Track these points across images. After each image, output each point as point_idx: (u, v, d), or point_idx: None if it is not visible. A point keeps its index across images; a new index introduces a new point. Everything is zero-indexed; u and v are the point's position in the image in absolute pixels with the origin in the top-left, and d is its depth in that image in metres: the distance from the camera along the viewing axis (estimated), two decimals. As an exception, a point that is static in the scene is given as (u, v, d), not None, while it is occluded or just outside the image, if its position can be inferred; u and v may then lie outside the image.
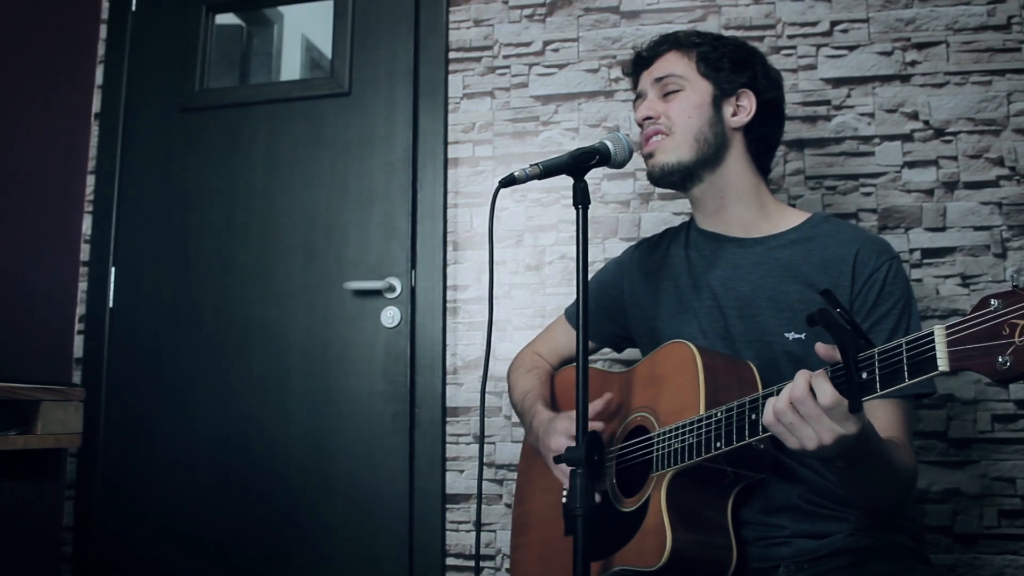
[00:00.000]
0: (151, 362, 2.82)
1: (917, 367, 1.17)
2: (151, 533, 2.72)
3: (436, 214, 2.67)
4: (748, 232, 1.81)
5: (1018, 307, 1.06)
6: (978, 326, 1.10)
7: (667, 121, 1.79)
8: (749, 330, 1.72)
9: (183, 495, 2.72)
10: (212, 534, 2.68)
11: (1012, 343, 1.06)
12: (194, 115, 2.93)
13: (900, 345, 1.20)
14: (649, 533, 1.56)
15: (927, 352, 1.16)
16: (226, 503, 2.68)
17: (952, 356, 1.13)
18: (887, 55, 2.52)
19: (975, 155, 2.44)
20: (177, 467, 2.74)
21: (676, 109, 1.79)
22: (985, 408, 2.35)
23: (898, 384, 1.20)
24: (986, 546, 2.31)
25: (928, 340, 1.16)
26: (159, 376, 2.80)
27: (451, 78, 2.76)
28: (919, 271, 2.42)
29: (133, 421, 2.80)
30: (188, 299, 2.82)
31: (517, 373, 2.07)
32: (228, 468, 2.70)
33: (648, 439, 1.64)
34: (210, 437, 2.72)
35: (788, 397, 1.28)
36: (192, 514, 2.70)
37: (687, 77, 1.80)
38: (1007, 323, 1.07)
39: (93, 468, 2.80)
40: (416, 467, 2.58)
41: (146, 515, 2.74)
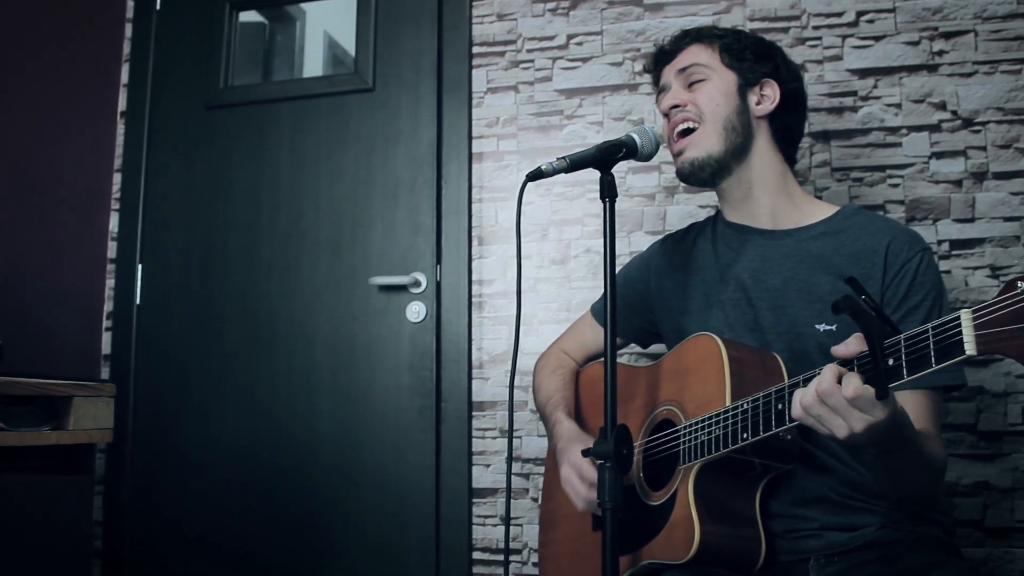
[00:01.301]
0: (178, 358, 2.84)
1: (944, 352, 1.16)
2: (179, 528, 2.75)
3: (461, 209, 2.67)
4: (777, 224, 1.81)
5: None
6: (1005, 309, 1.09)
7: (695, 109, 1.79)
8: (779, 321, 1.71)
9: (210, 490, 2.74)
10: (238, 529, 2.70)
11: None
12: (219, 112, 2.94)
13: (927, 330, 1.19)
14: (677, 526, 1.55)
15: (954, 336, 1.15)
16: (253, 499, 2.70)
17: (979, 340, 1.12)
18: (914, 45, 2.50)
19: (1004, 145, 2.42)
20: (204, 462, 2.76)
21: (704, 97, 1.79)
22: (1016, 400, 2.32)
23: (925, 369, 1.19)
24: (1018, 540, 2.29)
25: (955, 324, 1.15)
26: (186, 372, 2.82)
27: (475, 73, 2.76)
28: (947, 263, 2.39)
29: (160, 417, 2.82)
30: (214, 295, 2.84)
31: (542, 374, 2.08)
32: (255, 464, 2.71)
33: (675, 432, 1.64)
34: (237, 433, 2.74)
35: (815, 390, 1.28)
36: (218, 509, 2.72)
37: (712, 66, 1.81)
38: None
39: (122, 464, 2.83)
40: (442, 462, 2.59)
41: (174, 510, 2.76)
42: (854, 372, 1.27)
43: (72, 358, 2.81)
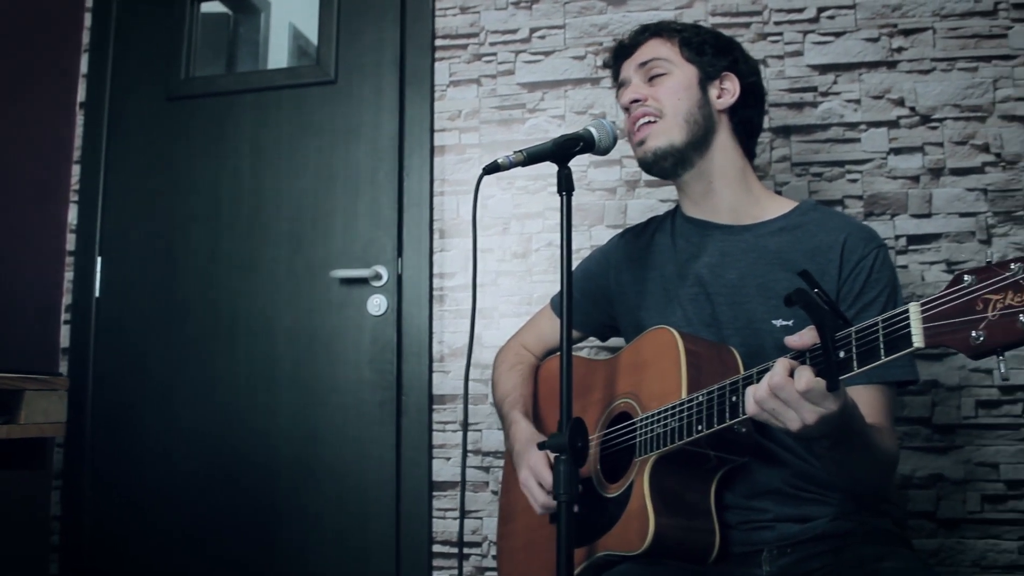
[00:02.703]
0: (138, 352, 2.81)
1: (893, 344, 1.18)
2: (138, 522, 2.72)
3: (422, 202, 2.67)
4: (736, 219, 1.82)
5: (991, 282, 1.07)
6: (952, 302, 1.11)
7: (656, 104, 1.80)
8: (737, 317, 1.73)
9: (170, 484, 2.72)
10: (199, 522, 2.68)
11: (985, 318, 1.07)
12: (180, 104, 2.91)
13: (876, 323, 1.21)
14: (632, 518, 1.56)
15: (903, 329, 1.17)
16: (213, 492, 2.68)
17: (927, 332, 1.13)
18: (873, 41, 2.52)
19: (961, 141, 2.45)
20: (164, 456, 2.73)
21: (664, 91, 1.80)
22: (969, 394, 2.36)
23: (874, 361, 1.21)
24: (969, 531, 2.33)
25: (904, 317, 1.17)
26: (146, 366, 2.79)
27: (437, 65, 2.75)
28: (904, 257, 2.42)
29: (120, 411, 2.79)
30: (174, 288, 2.81)
31: (500, 369, 2.08)
32: (215, 457, 2.70)
33: (631, 424, 1.65)
34: (197, 426, 2.72)
35: (768, 384, 1.29)
36: (179, 503, 2.70)
37: (672, 60, 1.82)
38: (980, 298, 1.08)
39: (80, 458, 2.80)
40: (403, 455, 2.58)
41: (133, 504, 2.74)
42: (806, 365, 1.28)
43: (30, 351, 2.78)
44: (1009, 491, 2.32)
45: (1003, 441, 2.33)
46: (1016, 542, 2.30)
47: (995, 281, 1.07)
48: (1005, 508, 2.32)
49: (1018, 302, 1.04)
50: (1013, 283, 1.05)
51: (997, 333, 1.06)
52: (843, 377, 1.24)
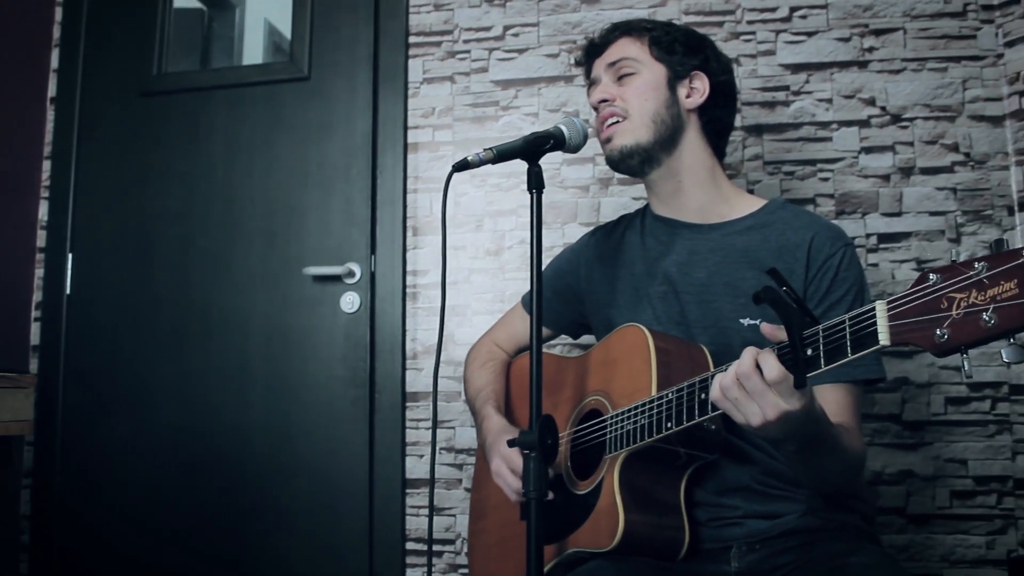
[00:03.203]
0: (110, 349, 2.79)
1: (859, 342, 1.19)
2: (110, 520, 2.70)
3: (396, 199, 2.66)
4: (705, 218, 1.82)
5: (955, 281, 1.08)
6: (917, 300, 1.12)
7: (623, 104, 1.80)
8: (705, 315, 1.73)
9: (142, 482, 2.70)
10: (172, 520, 2.66)
11: (949, 316, 1.08)
12: (153, 100, 2.90)
13: (843, 321, 1.22)
14: (602, 515, 1.57)
15: (869, 327, 1.17)
16: (186, 489, 2.67)
17: (893, 330, 1.14)
18: (845, 41, 2.54)
19: (931, 141, 2.47)
20: (136, 454, 2.71)
21: (632, 92, 1.80)
22: (938, 391, 2.38)
23: (841, 359, 1.21)
24: (938, 526, 2.35)
25: (870, 315, 1.18)
26: (118, 363, 2.77)
27: (411, 63, 2.74)
28: (875, 255, 2.44)
29: (91, 408, 2.77)
30: (147, 285, 2.79)
31: (473, 366, 2.08)
32: (188, 454, 2.68)
33: (601, 422, 1.65)
34: (170, 424, 2.70)
35: (735, 372, 1.29)
36: (151, 501, 2.68)
37: (641, 60, 1.81)
38: (945, 297, 1.09)
39: (51, 456, 2.77)
40: (376, 452, 2.58)
41: (105, 502, 2.72)
42: (773, 355, 1.29)
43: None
44: (977, 487, 2.34)
45: (972, 437, 2.36)
46: (984, 537, 2.32)
47: (959, 280, 1.08)
48: (973, 504, 2.34)
49: (981, 301, 1.05)
50: (977, 282, 1.06)
51: (961, 331, 1.07)
52: (810, 375, 1.25)
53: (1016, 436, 2.34)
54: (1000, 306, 1.03)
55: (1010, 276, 1.03)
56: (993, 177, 2.43)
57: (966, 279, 1.07)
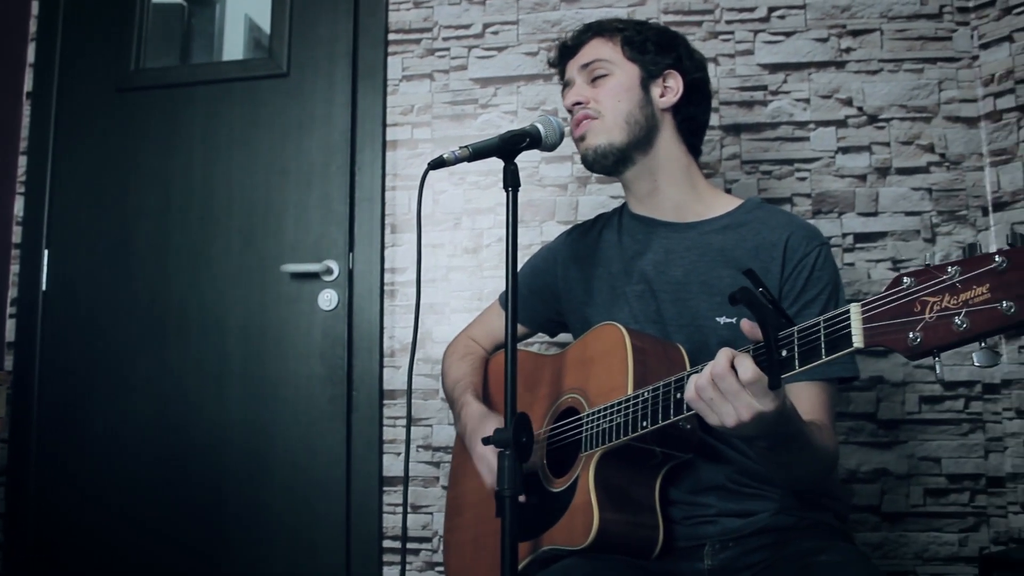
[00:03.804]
0: (86, 346, 2.77)
1: (834, 344, 1.19)
2: (86, 518, 2.69)
3: (374, 197, 2.66)
4: (681, 216, 1.83)
5: (929, 284, 1.08)
6: (891, 303, 1.12)
7: (596, 106, 1.80)
8: (681, 314, 1.73)
9: (119, 480, 2.68)
10: (149, 518, 2.65)
11: (922, 319, 1.08)
12: (130, 95, 2.88)
13: (818, 323, 1.22)
14: (577, 512, 1.57)
15: (843, 329, 1.18)
16: (163, 487, 2.66)
17: (867, 333, 1.15)
18: (823, 42, 2.55)
19: (907, 141, 2.49)
20: (113, 452, 2.70)
21: (605, 93, 1.80)
22: (913, 390, 2.40)
23: (816, 361, 1.22)
24: (912, 524, 2.37)
25: (844, 317, 1.18)
26: (94, 360, 2.76)
27: (390, 60, 2.74)
28: (851, 255, 2.46)
29: (68, 406, 2.75)
30: (124, 282, 2.77)
31: (451, 359, 2.08)
32: (165, 452, 2.67)
33: (577, 420, 1.65)
34: (147, 422, 2.69)
35: (710, 373, 1.30)
36: (128, 499, 2.67)
37: (613, 61, 1.82)
38: (919, 300, 1.09)
39: (26, 454, 2.75)
40: (353, 450, 2.57)
41: (81, 501, 2.70)
42: (748, 356, 1.29)
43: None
44: (951, 485, 2.36)
45: (945, 436, 2.38)
46: (957, 534, 2.34)
47: (933, 283, 1.08)
48: (947, 501, 2.36)
49: (954, 305, 1.06)
50: (950, 286, 1.06)
51: (934, 335, 1.07)
52: (785, 376, 1.25)
53: (989, 435, 2.37)
54: (972, 310, 1.04)
55: (982, 280, 1.04)
56: (968, 178, 2.45)
57: (939, 283, 1.08)
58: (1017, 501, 2.33)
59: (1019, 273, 1.01)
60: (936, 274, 1.08)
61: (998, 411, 2.37)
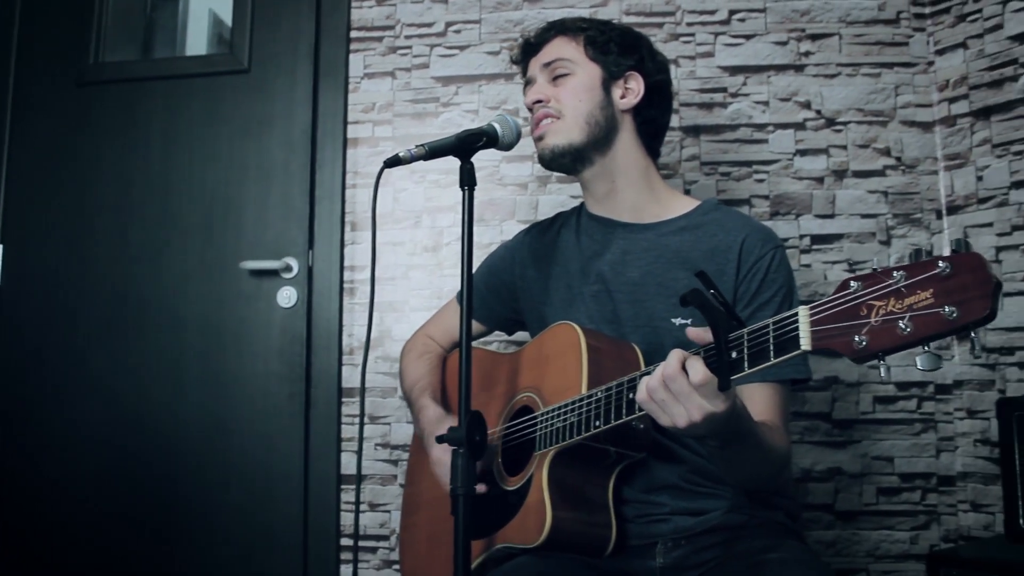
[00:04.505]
0: (42, 342, 2.73)
1: (782, 346, 1.20)
2: (41, 516, 2.65)
3: (334, 194, 2.65)
4: (639, 217, 1.84)
5: (875, 289, 1.10)
6: (839, 307, 1.13)
7: (557, 105, 1.81)
8: (637, 315, 1.75)
9: (75, 477, 2.64)
10: (105, 516, 2.62)
11: (868, 323, 1.09)
12: (89, 89, 2.84)
13: (768, 325, 1.23)
14: (531, 511, 1.58)
15: (792, 332, 1.19)
16: (120, 484, 2.63)
17: (814, 335, 1.16)
18: (782, 45, 2.57)
19: (863, 145, 2.52)
20: (67, 450, 2.66)
21: (566, 92, 1.81)
22: (867, 390, 2.43)
23: (764, 363, 1.23)
24: (865, 522, 2.40)
25: (793, 320, 1.19)
26: (49, 357, 2.72)
27: (352, 57, 2.73)
28: (808, 256, 2.48)
29: (20, 403, 2.71)
30: (80, 278, 2.74)
31: (408, 358, 2.07)
32: (122, 449, 2.64)
33: (532, 418, 1.66)
34: (101, 420, 2.65)
35: (661, 375, 1.30)
36: (84, 496, 2.63)
37: (576, 60, 1.82)
38: (865, 304, 1.10)
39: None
40: (311, 448, 2.56)
41: (36, 498, 2.66)
42: (698, 358, 1.30)
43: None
44: (903, 484, 2.40)
45: (898, 435, 2.41)
46: (908, 532, 2.38)
47: (879, 288, 1.09)
48: (899, 500, 2.40)
49: (899, 309, 1.07)
50: (896, 290, 1.08)
51: (878, 338, 1.08)
52: (734, 377, 1.26)
53: (941, 434, 2.40)
54: (916, 315, 1.05)
55: (926, 285, 1.05)
56: (923, 181, 2.48)
57: (885, 287, 1.09)
58: (967, 500, 2.37)
59: (962, 279, 1.02)
60: (882, 278, 1.09)
61: (949, 411, 2.40)
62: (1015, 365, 2.29)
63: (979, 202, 2.40)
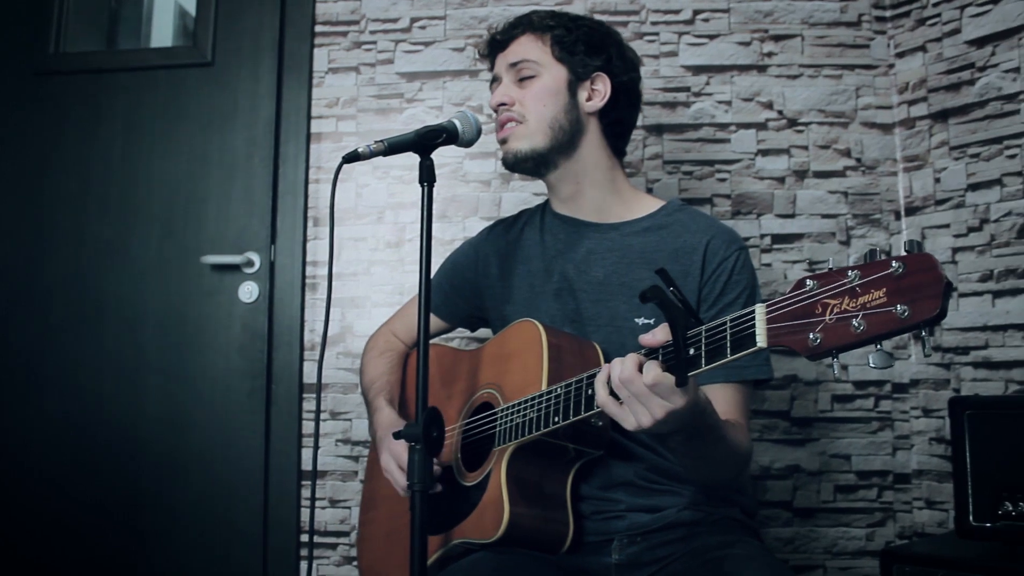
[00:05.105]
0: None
1: (739, 343, 1.21)
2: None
3: (297, 189, 2.64)
4: (603, 217, 1.84)
5: (830, 287, 1.11)
6: (794, 305, 1.14)
7: (521, 109, 1.78)
8: (600, 314, 1.75)
9: (31, 475, 2.62)
10: (62, 514, 2.59)
11: (823, 321, 1.11)
12: (49, 80, 2.80)
13: (725, 323, 1.24)
14: (488, 506, 1.58)
15: (748, 329, 1.20)
16: (77, 482, 2.60)
17: (770, 333, 1.17)
18: (746, 45, 2.59)
19: (824, 145, 2.54)
20: (23, 447, 2.63)
21: (530, 96, 1.78)
22: (826, 389, 2.45)
23: (721, 359, 1.23)
24: (823, 519, 2.43)
25: (750, 318, 1.20)
26: (5, 352, 2.68)
27: (316, 52, 2.72)
28: (769, 256, 2.50)
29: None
30: (38, 272, 2.70)
31: (370, 355, 2.07)
32: (79, 447, 2.61)
33: (492, 414, 1.67)
34: (59, 416, 2.63)
35: (618, 378, 1.31)
36: (40, 494, 2.61)
37: (542, 63, 1.79)
38: (820, 302, 1.11)
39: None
40: (272, 444, 2.55)
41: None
42: (656, 360, 1.31)
43: None
44: (860, 481, 2.43)
45: (855, 434, 2.44)
46: (864, 529, 2.41)
47: (834, 287, 1.11)
48: (856, 497, 2.42)
49: (853, 307, 1.08)
50: (850, 289, 1.09)
51: (832, 336, 1.10)
52: (692, 373, 1.27)
53: (897, 432, 2.43)
54: (869, 313, 1.06)
55: (879, 285, 1.06)
56: (882, 182, 2.51)
57: (839, 286, 1.10)
58: (922, 497, 2.40)
59: (914, 279, 1.04)
60: (837, 277, 1.11)
61: (906, 410, 2.43)
62: (969, 365, 2.33)
63: (936, 203, 2.43)
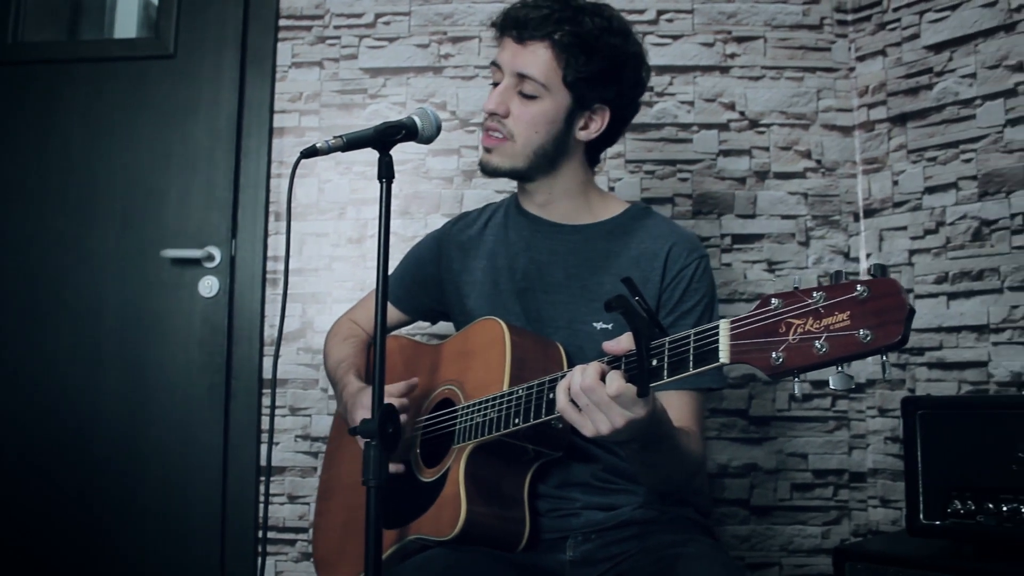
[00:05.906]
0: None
1: (702, 357, 1.21)
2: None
3: (259, 183, 2.62)
4: (568, 219, 1.83)
5: (795, 308, 1.11)
6: (759, 323, 1.15)
7: (512, 127, 1.73)
8: (559, 315, 1.76)
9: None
10: (17, 509, 2.57)
11: (786, 340, 1.11)
12: (6, 70, 2.77)
13: (689, 336, 1.24)
14: (446, 504, 1.58)
15: (712, 344, 1.20)
16: (33, 477, 2.58)
17: (733, 349, 1.17)
18: (709, 46, 2.61)
19: (785, 147, 2.56)
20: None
21: (526, 119, 1.73)
22: (784, 388, 2.48)
23: (683, 373, 1.24)
24: (779, 517, 2.45)
25: (714, 333, 1.20)
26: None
27: (280, 46, 2.70)
28: (729, 256, 2.52)
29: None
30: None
31: (333, 341, 2.05)
32: (37, 440, 2.59)
33: (452, 412, 1.67)
34: (14, 410, 2.60)
35: (580, 386, 1.31)
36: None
37: (549, 86, 1.71)
38: (784, 322, 1.12)
39: None
40: (231, 439, 2.54)
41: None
42: (619, 370, 1.31)
43: None
44: (816, 480, 2.45)
45: (812, 433, 2.46)
46: (820, 527, 2.44)
47: (799, 307, 1.11)
48: (812, 496, 2.45)
49: (816, 329, 1.09)
50: (814, 311, 1.09)
51: (795, 356, 1.10)
52: (653, 385, 1.27)
53: (853, 432, 2.46)
54: (832, 335, 1.07)
55: (843, 308, 1.07)
56: (842, 184, 2.54)
57: (804, 307, 1.10)
58: (877, 496, 2.43)
59: (878, 303, 1.04)
60: (802, 298, 1.11)
61: (862, 409, 2.46)
62: (924, 365, 2.36)
63: (894, 206, 2.46)
